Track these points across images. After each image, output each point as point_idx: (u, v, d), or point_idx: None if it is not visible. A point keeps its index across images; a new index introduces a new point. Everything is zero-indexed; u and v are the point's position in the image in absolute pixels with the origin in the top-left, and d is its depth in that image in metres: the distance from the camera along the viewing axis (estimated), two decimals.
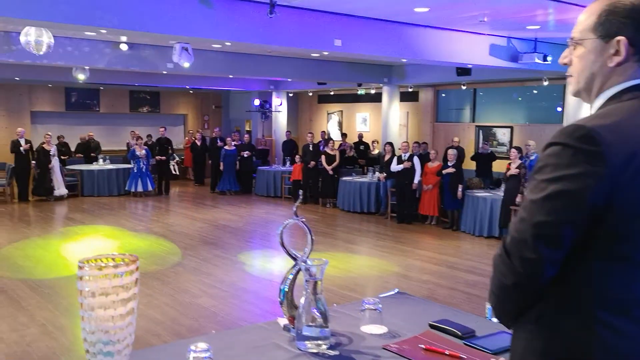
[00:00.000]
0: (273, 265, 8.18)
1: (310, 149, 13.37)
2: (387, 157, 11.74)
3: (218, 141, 15.23)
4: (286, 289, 1.99)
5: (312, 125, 18.84)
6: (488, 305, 3.82)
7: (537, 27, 8.56)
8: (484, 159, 12.07)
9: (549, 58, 9.35)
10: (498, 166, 12.08)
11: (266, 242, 9.88)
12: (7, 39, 9.56)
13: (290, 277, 1.99)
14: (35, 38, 7.67)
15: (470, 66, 10.82)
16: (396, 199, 11.21)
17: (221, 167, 14.65)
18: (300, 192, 2.36)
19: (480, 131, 14.24)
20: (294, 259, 1.99)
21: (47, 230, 10.21)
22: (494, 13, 7.77)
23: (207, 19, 6.82)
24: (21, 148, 12.96)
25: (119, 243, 9.11)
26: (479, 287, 6.99)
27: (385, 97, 14.63)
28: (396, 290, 2.45)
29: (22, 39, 7.73)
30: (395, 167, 11.04)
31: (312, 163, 13.02)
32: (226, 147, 14.69)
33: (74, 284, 1.62)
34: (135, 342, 1.69)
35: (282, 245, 2.00)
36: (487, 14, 7.84)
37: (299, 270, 1.97)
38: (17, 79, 14.57)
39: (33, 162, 13.15)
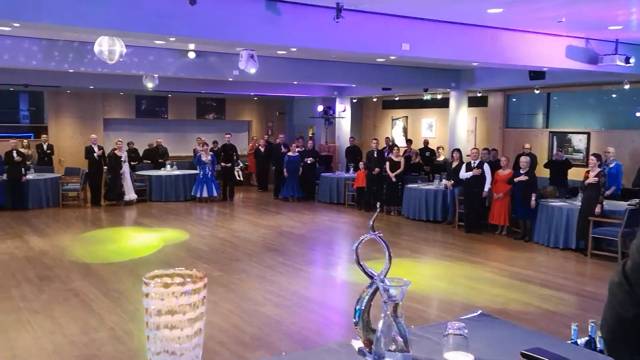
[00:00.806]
0: (337, 273, 8.05)
1: (375, 155, 13.18)
2: (454, 164, 11.38)
3: (282, 147, 15.27)
4: (362, 309, 1.83)
5: (377, 131, 18.63)
6: (574, 326, 3.53)
7: (619, 27, 8.05)
8: (559, 167, 11.50)
9: (632, 60, 8.78)
10: (573, 174, 11.48)
11: (330, 249, 9.76)
12: (82, 49, 9.93)
13: (367, 297, 1.83)
14: (109, 47, 7.91)
15: (545, 69, 10.34)
16: (464, 208, 10.84)
17: (284, 174, 14.68)
18: (378, 204, 2.23)
19: (555, 137, 13.61)
20: (371, 277, 1.83)
21: (118, 234, 10.49)
22: (572, 13, 7.37)
23: (273, 25, 6.80)
24: (94, 154, 13.46)
25: (185, 248, 9.23)
26: (554, 301, 6.60)
27: (452, 102, 14.24)
28: (479, 311, 2.24)
29: (96, 48, 7.98)
30: (464, 174, 10.68)
31: (377, 170, 12.82)
32: (289, 154, 14.71)
33: (141, 288, 1.53)
34: None
35: (358, 263, 1.84)
36: (564, 14, 7.44)
37: (376, 289, 1.80)
38: (92, 87, 15.17)
39: (105, 167, 13.61)
